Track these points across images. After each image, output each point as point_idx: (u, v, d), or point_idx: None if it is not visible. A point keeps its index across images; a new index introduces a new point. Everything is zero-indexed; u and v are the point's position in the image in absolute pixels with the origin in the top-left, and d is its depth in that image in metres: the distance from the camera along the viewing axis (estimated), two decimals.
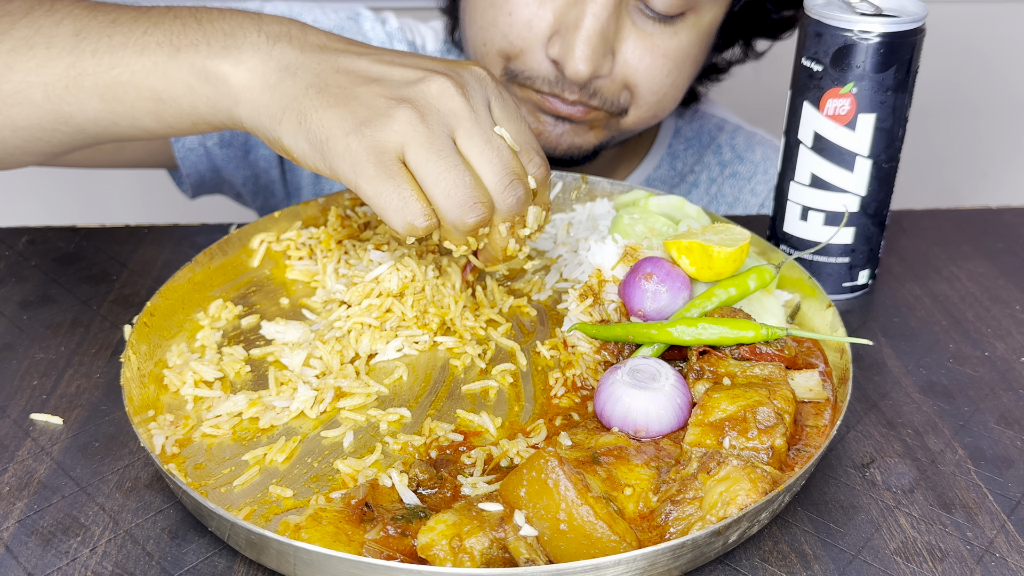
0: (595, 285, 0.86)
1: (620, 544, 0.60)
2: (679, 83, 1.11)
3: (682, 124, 1.34)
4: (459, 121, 0.74)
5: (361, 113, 0.72)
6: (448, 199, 0.73)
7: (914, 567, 0.66)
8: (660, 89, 1.09)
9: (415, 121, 0.72)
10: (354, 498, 0.65)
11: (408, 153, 0.72)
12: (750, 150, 1.34)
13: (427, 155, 0.72)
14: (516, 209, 0.76)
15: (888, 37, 0.85)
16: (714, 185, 1.32)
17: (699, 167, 1.33)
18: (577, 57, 1.00)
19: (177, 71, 0.78)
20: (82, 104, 0.81)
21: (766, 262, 0.86)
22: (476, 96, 0.75)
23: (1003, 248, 1.04)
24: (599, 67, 1.02)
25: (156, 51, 0.78)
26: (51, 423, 0.77)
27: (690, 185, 1.33)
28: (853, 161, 0.89)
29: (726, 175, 1.33)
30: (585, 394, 0.79)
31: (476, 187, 0.73)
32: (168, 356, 0.81)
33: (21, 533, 0.67)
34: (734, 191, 1.32)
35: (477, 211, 0.73)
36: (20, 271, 0.97)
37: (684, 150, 1.33)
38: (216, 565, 0.65)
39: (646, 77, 1.07)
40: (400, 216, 0.73)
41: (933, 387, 0.83)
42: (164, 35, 0.79)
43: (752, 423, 0.68)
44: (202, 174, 1.26)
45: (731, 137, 1.35)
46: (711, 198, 1.32)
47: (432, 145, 0.72)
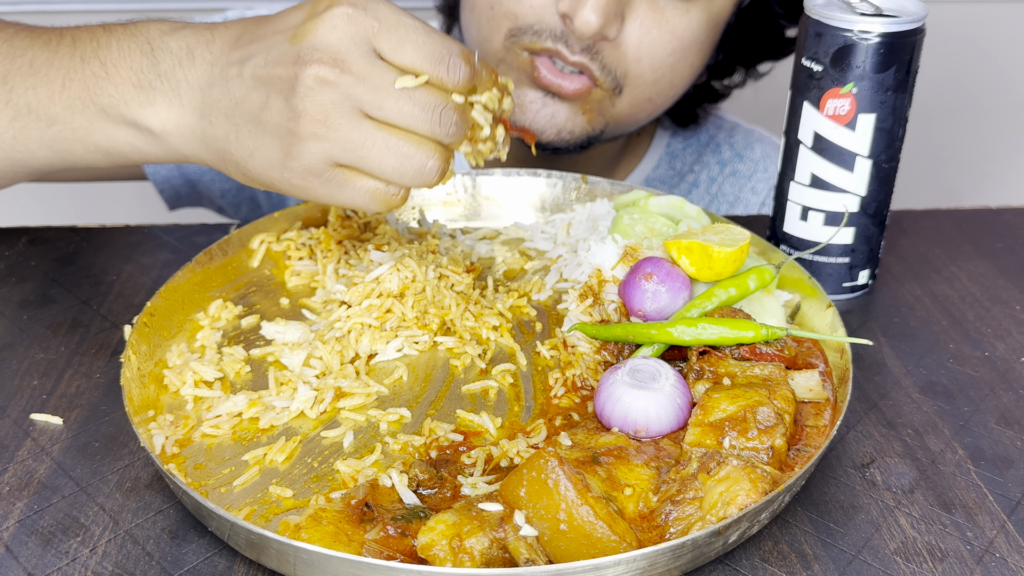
0: (595, 285, 0.86)
1: (620, 544, 0.60)
2: (680, 69, 1.09)
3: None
4: (358, 100, 0.71)
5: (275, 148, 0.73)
6: (402, 176, 0.72)
7: (914, 567, 0.66)
8: (660, 68, 1.08)
9: (321, 133, 0.71)
10: (354, 498, 0.65)
11: (339, 161, 0.72)
12: (749, 148, 1.33)
13: (355, 155, 0.72)
14: (459, 131, 0.74)
15: (888, 37, 0.85)
16: (714, 184, 1.32)
17: (698, 166, 1.33)
18: (588, 7, 0.99)
19: (115, 132, 0.81)
20: (33, 153, 0.84)
21: (766, 262, 0.86)
22: (356, 55, 0.71)
23: (1003, 248, 1.04)
24: (608, 24, 1.01)
25: (84, 110, 0.80)
26: (51, 423, 0.77)
27: (690, 185, 1.32)
28: (853, 161, 0.89)
29: (726, 174, 1.32)
30: (585, 394, 0.79)
31: (418, 148, 0.72)
32: (168, 356, 0.81)
33: (21, 533, 0.67)
34: (735, 190, 1.32)
35: (432, 167, 0.73)
36: (20, 271, 0.97)
37: (683, 149, 1.33)
38: (216, 565, 0.65)
39: (650, 51, 1.06)
40: (377, 205, 0.74)
41: (933, 387, 0.83)
42: (82, 88, 0.80)
43: (752, 423, 0.68)
44: (176, 188, 1.26)
45: (730, 135, 1.34)
46: (712, 197, 1.32)
47: (351, 144, 0.71)
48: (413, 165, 0.72)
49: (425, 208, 1.04)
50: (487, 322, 0.87)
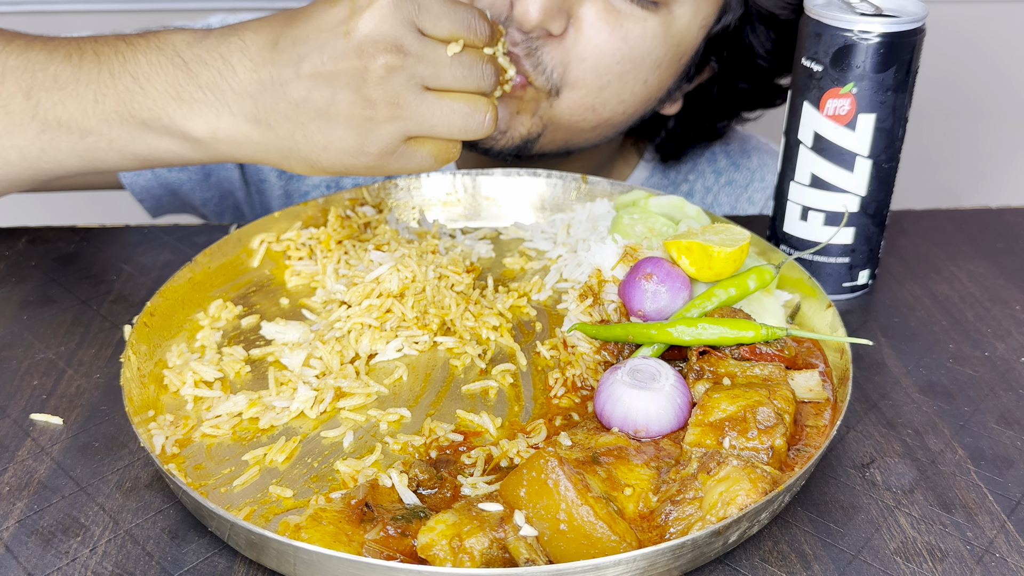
0: (595, 285, 0.86)
1: (620, 544, 0.60)
2: (629, 82, 1.03)
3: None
4: (420, 77, 0.78)
5: (351, 138, 0.79)
6: (467, 132, 0.80)
7: (914, 567, 0.66)
8: (606, 74, 1.01)
9: (397, 114, 0.78)
10: (354, 498, 0.65)
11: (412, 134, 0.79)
12: (746, 156, 1.30)
13: (427, 126, 0.79)
14: (495, 79, 0.82)
15: (888, 37, 0.85)
16: (710, 194, 1.30)
17: (693, 175, 1.30)
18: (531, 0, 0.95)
19: (158, 141, 0.83)
20: (61, 163, 0.85)
21: (766, 262, 0.86)
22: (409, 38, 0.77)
23: (1003, 248, 1.04)
24: (550, 18, 0.96)
25: (121, 124, 0.82)
26: (51, 423, 0.77)
27: (684, 194, 1.29)
28: (853, 161, 0.89)
29: (722, 183, 1.30)
30: (585, 394, 0.79)
31: (474, 105, 0.80)
32: (168, 356, 0.81)
33: (21, 533, 0.67)
34: (731, 200, 1.29)
35: (490, 116, 0.81)
36: (20, 271, 0.97)
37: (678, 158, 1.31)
38: (216, 565, 0.65)
39: (596, 53, 1.00)
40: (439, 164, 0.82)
41: (933, 387, 0.83)
42: (116, 102, 0.82)
43: (752, 423, 0.68)
44: (157, 197, 1.25)
45: (725, 143, 1.31)
46: (707, 207, 1.30)
47: (422, 117, 0.78)
48: (475, 120, 0.80)
49: (425, 208, 1.04)
50: (487, 322, 0.87)
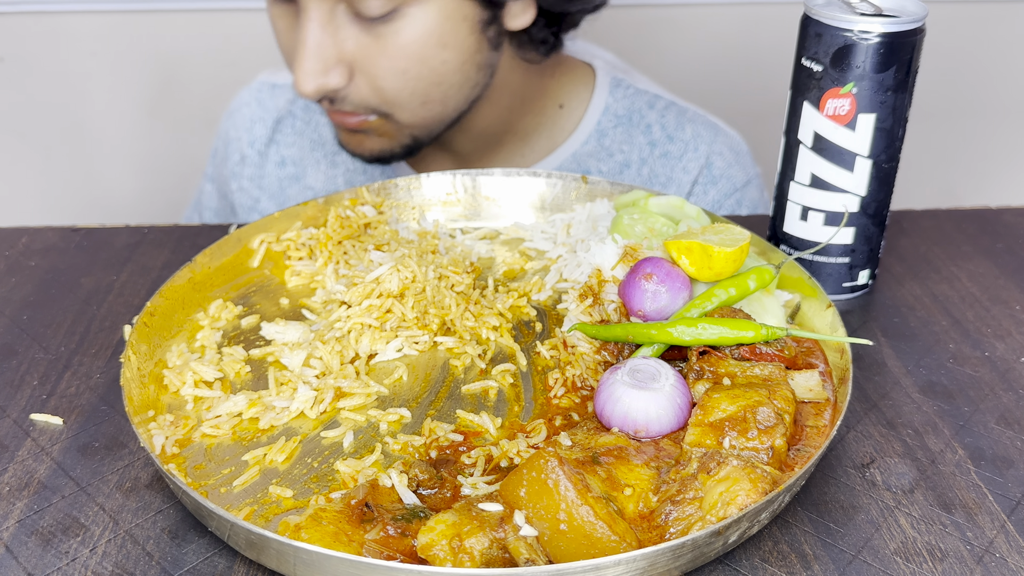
0: (595, 285, 0.86)
1: (620, 544, 0.60)
2: (428, 72, 1.08)
3: (612, 101, 1.31)
4: None
5: None
6: None
7: (914, 567, 0.66)
8: (407, 85, 1.08)
9: None
10: (354, 498, 0.65)
11: None
12: (680, 128, 1.30)
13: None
14: None
15: (888, 37, 0.85)
16: (645, 166, 1.30)
17: (628, 146, 1.30)
18: (298, 79, 1.03)
19: None
20: None
21: (766, 262, 0.86)
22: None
23: (1003, 248, 1.04)
24: (325, 83, 1.04)
25: None
26: (51, 423, 0.77)
27: (620, 164, 1.30)
28: (853, 161, 0.89)
29: (656, 155, 1.30)
30: (585, 394, 0.79)
31: None
32: (168, 356, 0.81)
33: (21, 533, 0.67)
34: (666, 170, 1.30)
35: None
36: (20, 271, 0.97)
37: (613, 127, 1.30)
38: (216, 565, 0.65)
39: (384, 76, 1.06)
40: None
41: (933, 387, 0.83)
42: None
43: (752, 423, 0.68)
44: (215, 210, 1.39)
45: (661, 115, 1.31)
46: (644, 179, 1.30)
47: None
48: None
49: (425, 208, 1.04)
50: (487, 322, 0.87)
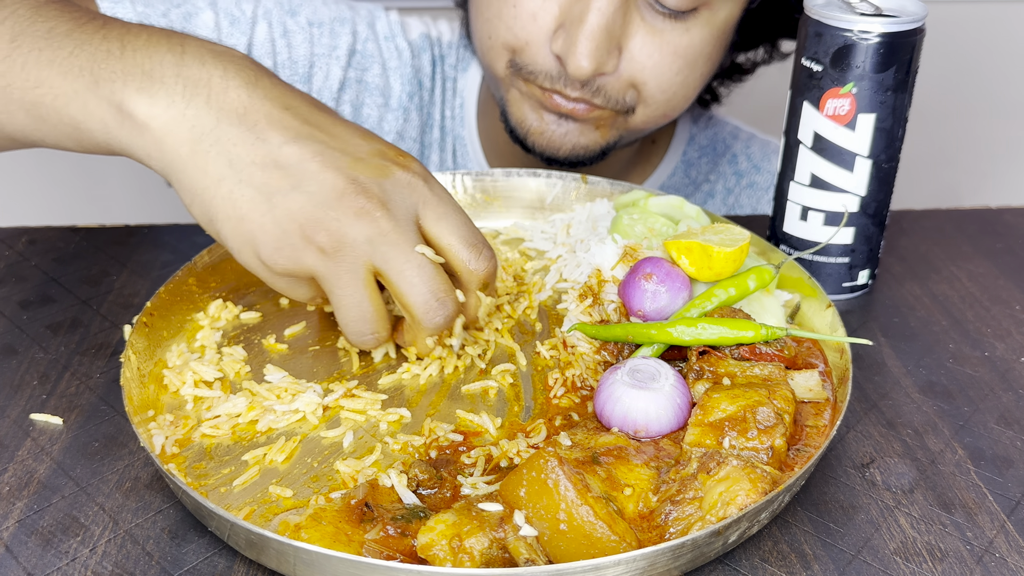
0: (595, 285, 0.86)
1: (620, 544, 0.60)
2: (691, 82, 1.08)
3: (696, 131, 1.33)
4: (376, 247, 0.72)
5: (272, 240, 0.72)
6: (346, 327, 0.76)
7: (914, 567, 0.66)
8: (670, 88, 1.06)
9: (324, 260, 0.72)
10: (354, 498, 0.65)
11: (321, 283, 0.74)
12: (766, 160, 1.32)
13: (330, 287, 0.73)
14: (441, 327, 0.76)
15: (888, 37, 0.85)
16: (731, 196, 1.31)
17: (714, 176, 1.32)
18: (579, 53, 0.98)
19: (96, 107, 0.74)
20: (12, 116, 0.78)
21: (766, 262, 0.86)
22: (399, 210, 0.73)
23: (1003, 248, 1.04)
24: (603, 64, 1.00)
25: (78, 77, 0.75)
26: (51, 423, 0.77)
27: (706, 195, 1.32)
28: (853, 161, 0.89)
29: (743, 185, 1.31)
30: (585, 394, 0.79)
31: (374, 318, 0.75)
32: (168, 356, 0.81)
33: (21, 533, 0.67)
34: (752, 201, 1.31)
35: (369, 339, 0.77)
36: (20, 271, 0.97)
37: (698, 158, 1.32)
38: (216, 565, 0.65)
39: (655, 75, 1.04)
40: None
41: (933, 387, 0.83)
42: (88, 59, 0.75)
43: (752, 423, 0.68)
44: None
45: (746, 146, 1.33)
46: (729, 208, 1.31)
47: (336, 281, 0.73)
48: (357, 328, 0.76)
49: None
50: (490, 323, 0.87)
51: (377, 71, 1.24)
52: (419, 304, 0.74)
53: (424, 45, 1.26)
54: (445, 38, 1.29)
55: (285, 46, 1.19)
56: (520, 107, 1.09)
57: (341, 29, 1.22)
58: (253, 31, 1.17)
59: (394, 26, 1.26)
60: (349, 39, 1.22)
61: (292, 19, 1.20)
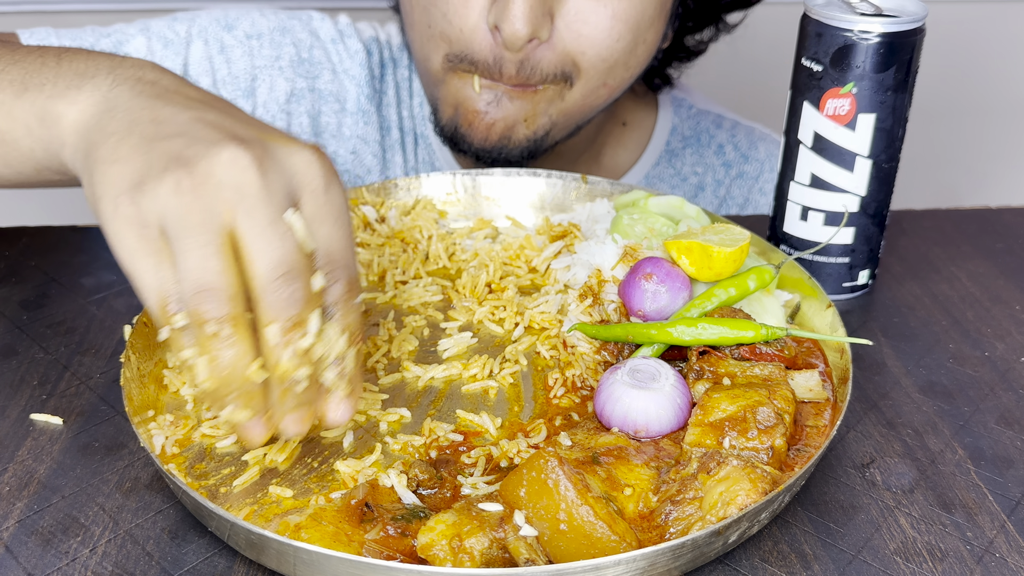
0: (595, 285, 0.86)
1: (620, 544, 0.60)
2: (632, 49, 1.05)
3: (678, 122, 1.33)
4: (241, 197, 0.62)
5: (140, 172, 0.63)
6: (183, 280, 0.62)
7: (914, 567, 0.66)
8: (611, 55, 1.03)
9: (183, 189, 0.61)
10: (354, 498, 0.65)
11: (165, 225, 0.62)
12: (753, 148, 1.32)
13: (177, 230, 0.61)
14: (286, 308, 0.62)
15: (888, 37, 0.85)
16: (721, 187, 1.31)
17: (701, 168, 1.32)
18: (513, 15, 0.96)
19: (20, 111, 0.73)
20: None
21: (766, 262, 0.86)
22: (277, 175, 0.63)
23: (1003, 248, 1.04)
24: (538, 27, 0.98)
25: (6, 89, 0.74)
26: (51, 423, 0.77)
27: (695, 187, 1.31)
28: (853, 161, 0.89)
29: (732, 176, 1.31)
30: (585, 394, 0.79)
31: (220, 273, 0.61)
32: (168, 356, 0.81)
33: (21, 533, 0.67)
34: (743, 192, 1.31)
35: (206, 299, 0.61)
36: (20, 271, 0.97)
37: (683, 148, 1.32)
38: (216, 565, 0.65)
39: (592, 42, 1.02)
40: (152, 297, 0.63)
41: (933, 387, 0.83)
42: (19, 72, 0.74)
43: (752, 423, 0.69)
44: None
45: (732, 135, 1.33)
46: (720, 201, 1.31)
47: (187, 219, 0.61)
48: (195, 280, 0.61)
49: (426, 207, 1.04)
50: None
51: (328, 77, 1.22)
52: (266, 271, 0.62)
53: (373, 48, 1.26)
54: (395, 41, 1.28)
55: (224, 62, 1.18)
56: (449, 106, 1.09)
57: (282, 39, 1.21)
58: (188, 51, 1.17)
59: (344, 27, 1.25)
60: (291, 49, 1.21)
61: (229, 34, 1.19)
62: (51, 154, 0.73)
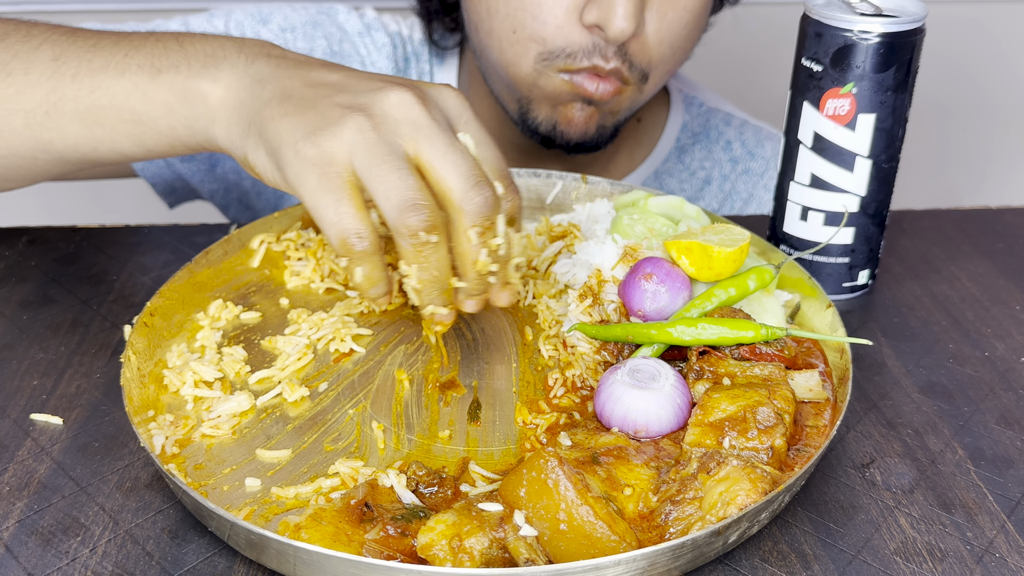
0: (595, 285, 0.86)
1: (620, 544, 0.60)
2: (693, 36, 1.11)
3: (689, 119, 1.34)
4: (417, 129, 0.71)
5: (315, 121, 0.71)
6: (387, 201, 0.70)
7: (914, 567, 0.66)
8: (678, 44, 1.09)
9: (365, 128, 0.70)
10: (354, 498, 0.65)
11: (354, 161, 0.70)
12: (760, 146, 1.34)
13: (370, 161, 0.70)
14: (484, 210, 0.72)
15: (888, 37, 0.85)
16: (727, 182, 1.33)
17: (709, 163, 1.33)
18: (620, 15, 0.99)
19: (157, 91, 0.78)
20: (62, 129, 0.80)
21: (766, 262, 0.86)
22: (437, 110, 0.73)
23: (1003, 248, 1.04)
24: (640, 24, 1.03)
25: (137, 72, 0.78)
26: (51, 423, 0.77)
27: (702, 182, 1.33)
28: (853, 161, 0.89)
29: (739, 172, 1.33)
30: (585, 394, 0.79)
31: (420, 189, 0.70)
32: (168, 356, 0.81)
33: (21, 533, 0.67)
34: (748, 187, 1.33)
35: (418, 212, 0.70)
36: (20, 271, 0.97)
37: (692, 144, 1.33)
38: (216, 565, 0.65)
39: (669, 34, 1.07)
40: (335, 231, 0.71)
41: (933, 387, 0.83)
42: (146, 57, 0.79)
43: (752, 423, 0.69)
44: (169, 183, 1.24)
45: (740, 132, 1.35)
46: (725, 195, 1.32)
47: (377, 151, 0.70)
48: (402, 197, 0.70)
49: None
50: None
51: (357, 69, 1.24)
52: (460, 181, 0.71)
53: (397, 42, 1.28)
54: (416, 35, 1.30)
55: None
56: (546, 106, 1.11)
57: (314, 32, 1.23)
58: None
59: (371, 21, 1.27)
60: (323, 42, 1.24)
61: (264, 27, 1.21)
62: (196, 131, 0.78)
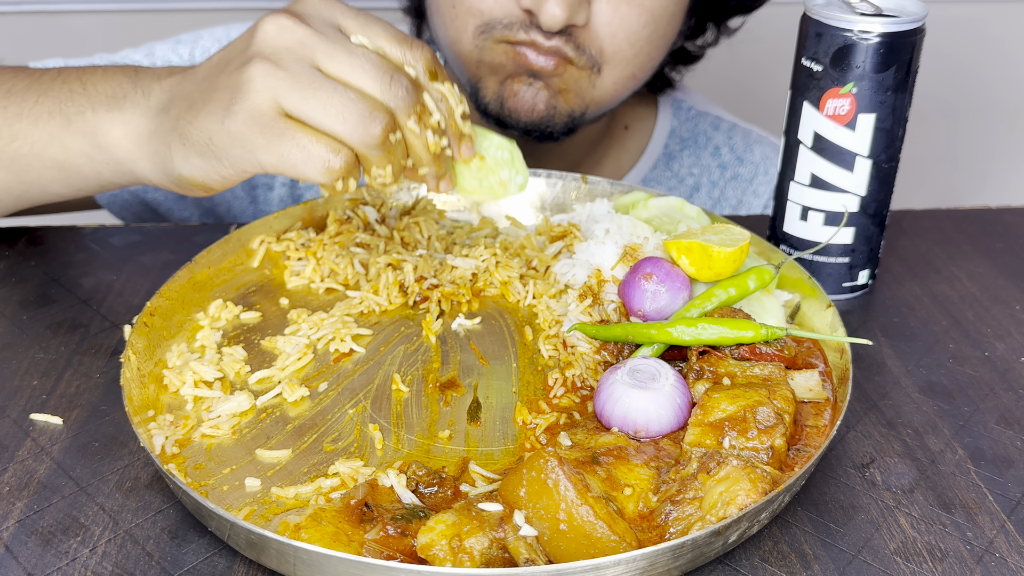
0: (595, 285, 0.86)
1: (620, 544, 0.60)
2: (655, 40, 1.08)
3: (677, 124, 1.33)
4: (312, 48, 0.71)
5: (225, 97, 0.71)
6: (345, 123, 0.70)
7: (914, 567, 0.66)
8: (638, 42, 1.06)
9: (270, 70, 0.70)
10: (354, 498, 0.65)
11: (284, 103, 0.71)
12: (749, 150, 1.33)
13: (301, 94, 0.70)
14: (409, 100, 0.73)
15: (888, 37, 0.85)
16: (716, 189, 1.32)
17: (697, 169, 1.32)
18: (552, 2, 0.98)
19: (72, 141, 0.80)
20: None
21: (766, 262, 0.86)
22: (318, 21, 0.73)
23: (1003, 248, 1.04)
24: (574, 13, 1.00)
25: (48, 121, 0.80)
26: (51, 423, 0.77)
27: (691, 188, 1.32)
28: (853, 161, 0.89)
29: (727, 178, 1.32)
30: (585, 394, 0.79)
31: (363, 98, 0.71)
32: (168, 356, 0.81)
33: (21, 533, 0.67)
34: (737, 194, 1.31)
35: (377, 118, 0.71)
36: (20, 271, 0.97)
37: (680, 151, 1.32)
38: (216, 565, 0.65)
39: (624, 28, 1.05)
40: (312, 166, 0.71)
41: (933, 387, 0.83)
42: (54, 103, 0.81)
43: (752, 423, 0.68)
44: (138, 214, 1.24)
45: (728, 137, 1.33)
46: (714, 202, 1.31)
47: (298, 82, 0.70)
48: (356, 111, 0.70)
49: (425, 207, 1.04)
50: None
51: None
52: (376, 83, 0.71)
53: None
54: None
55: None
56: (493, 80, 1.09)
57: None
58: None
59: None
60: None
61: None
62: (122, 172, 0.81)
